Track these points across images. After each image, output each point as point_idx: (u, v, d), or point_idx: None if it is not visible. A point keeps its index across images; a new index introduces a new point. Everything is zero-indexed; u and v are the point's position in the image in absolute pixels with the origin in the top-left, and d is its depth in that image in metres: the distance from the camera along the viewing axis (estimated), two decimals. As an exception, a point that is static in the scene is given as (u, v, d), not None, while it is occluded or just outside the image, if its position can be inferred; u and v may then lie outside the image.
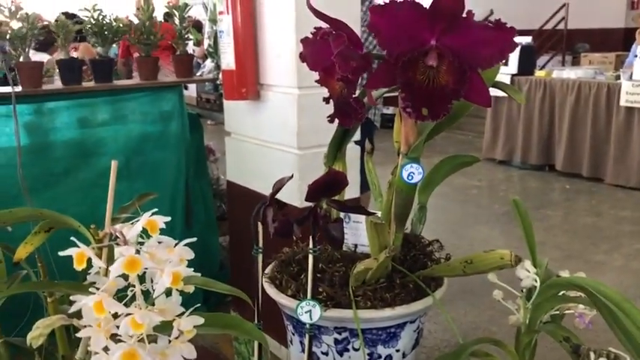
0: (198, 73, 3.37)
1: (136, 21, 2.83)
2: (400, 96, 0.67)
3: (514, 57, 6.30)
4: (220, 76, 2.65)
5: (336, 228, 0.64)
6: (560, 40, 9.30)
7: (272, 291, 0.81)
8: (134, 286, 0.56)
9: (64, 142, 2.60)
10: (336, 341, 0.79)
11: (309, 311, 0.67)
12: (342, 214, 0.80)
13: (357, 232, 0.86)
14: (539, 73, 6.23)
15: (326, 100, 0.72)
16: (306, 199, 0.66)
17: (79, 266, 0.61)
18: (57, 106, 2.57)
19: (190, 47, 3.25)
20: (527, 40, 6.47)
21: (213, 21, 3.06)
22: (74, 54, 3.00)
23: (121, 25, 2.69)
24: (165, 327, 0.57)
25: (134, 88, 2.75)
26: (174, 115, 2.81)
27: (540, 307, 0.77)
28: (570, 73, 6.00)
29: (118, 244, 0.60)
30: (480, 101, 0.64)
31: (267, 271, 0.89)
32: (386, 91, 0.74)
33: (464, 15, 0.62)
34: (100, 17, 2.63)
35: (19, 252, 0.78)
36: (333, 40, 0.62)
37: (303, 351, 0.80)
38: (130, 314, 0.52)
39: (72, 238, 0.68)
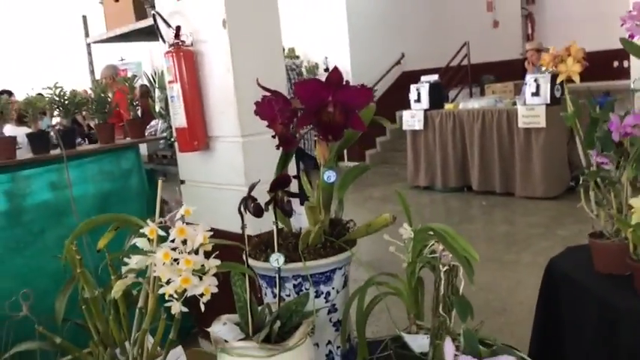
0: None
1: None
2: (315, 130, 1.17)
3: (425, 94, 7.04)
4: (174, 134, 3.11)
5: (288, 205, 1.11)
6: (466, 75, 10.25)
7: (251, 261, 1.27)
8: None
9: (38, 205, 2.96)
10: (294, 285, 1.25)
11: (277, 259, 1.14)
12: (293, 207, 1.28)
13: (300, 220, 1.33)
14: (448, 106, 6.98)
15: (273, 137, 1.20)
16: (269, 191, 1.13)
17: (151, 236, 1.05)
18: (30, 173, 2.94)
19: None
20: (434, 78, 7.24)
21: (162, 87, 3.52)
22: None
23: (80, 99, 3.11)
24: (198, 270, 1.01)
25: (96, 151, 3.15)
26: (134, 171, 3.22)
27: (415, 249, 1.26)
28: (474, 104, 6.78)
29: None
30: (359, 129, 1.14)
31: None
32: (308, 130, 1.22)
33: (344, 83, 1.13)
34: (62, 93, 3.05)
35: (100, 243, 1.20)
36: (275, 103, 1.11)
37: (274, 297, 1.26)
38: (184, 259, 0.96)
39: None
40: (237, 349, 1.08)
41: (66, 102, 3.05)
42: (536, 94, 6.00)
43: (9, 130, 3.48)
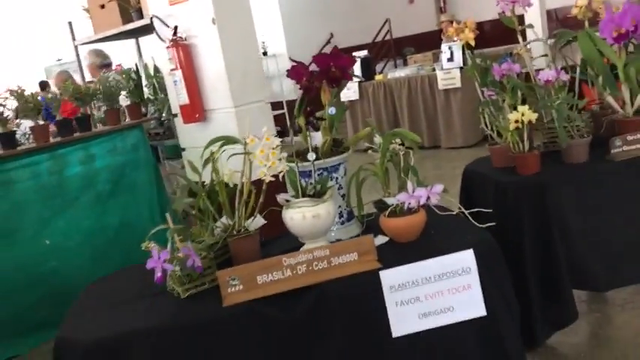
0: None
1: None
2: (326, 81, 2.06)
3: (358, 68, 8.00)
4: (164, 114, 3.90)
5: (316, 124, 2.00)
6: (390, 48, 11.29)
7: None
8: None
9: (73, 176, 3.69)
10: (318, 175, 2.16)
11: (311, 155, 2.03)
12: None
13: (315, 138, 2.23)
14: (378, 77, 7.96)
15: (300, 87, 2.08)
16: (305, 117, 2.02)
17: (251, 143, 1.91)
18: (64, 151, 3.67)
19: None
20: (364, 53, 8.22)
21: (149, 77, 4.29)
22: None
23: (93, 91, 3.85)
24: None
25: (109, 131, 3.90)
26: (140, 145, 3.99)
27: (384, 145, 2.18)
28: (401, 73, 7.79)
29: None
30: (349, 79, 2.04)
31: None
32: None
33: (339, 54, 2.03)
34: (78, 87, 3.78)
35: (214, 154, 2.04)
36: (302, 68, 1.99)
37: (305, 183, 2.15)
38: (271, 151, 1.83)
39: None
40: (296, 203, 1.96)
41: (83, 93, 3.79)
42: (451, 59, 7.06)
43: (29, 122, 4.16)
